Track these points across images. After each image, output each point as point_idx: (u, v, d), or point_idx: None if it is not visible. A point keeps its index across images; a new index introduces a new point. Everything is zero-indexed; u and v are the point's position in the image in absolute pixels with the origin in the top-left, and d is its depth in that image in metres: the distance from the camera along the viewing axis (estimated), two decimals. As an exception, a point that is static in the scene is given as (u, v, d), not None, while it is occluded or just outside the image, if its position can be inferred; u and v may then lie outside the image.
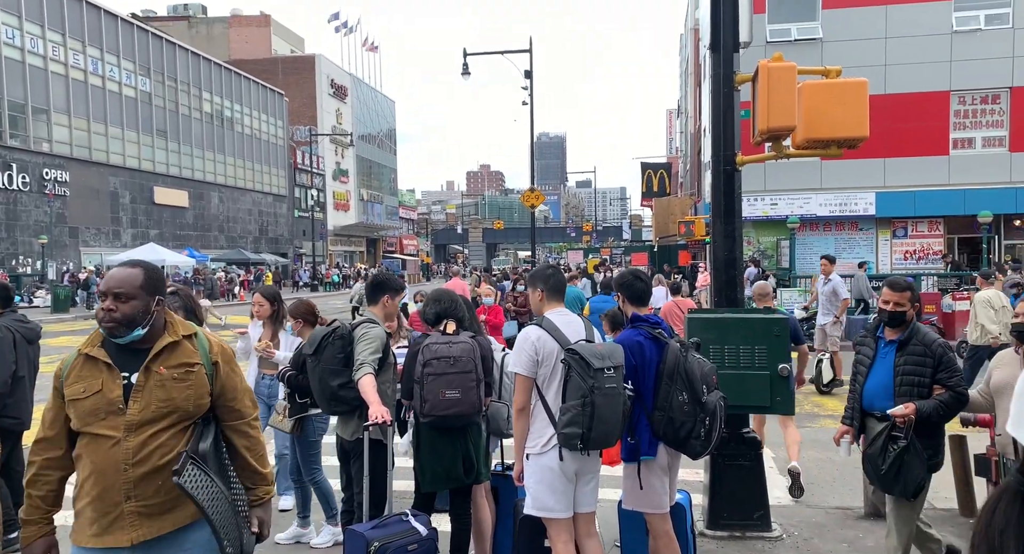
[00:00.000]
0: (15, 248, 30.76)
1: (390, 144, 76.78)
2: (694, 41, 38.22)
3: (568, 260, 33.43)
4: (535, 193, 23.63)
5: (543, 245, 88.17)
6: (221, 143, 46.32)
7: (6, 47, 30.63)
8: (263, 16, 64.08)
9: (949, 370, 3.86)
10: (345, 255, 63.28)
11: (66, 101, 33.80)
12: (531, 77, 23.24)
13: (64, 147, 33.70)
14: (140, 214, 38.59)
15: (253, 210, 50.00)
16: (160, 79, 40.53)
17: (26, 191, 31.27)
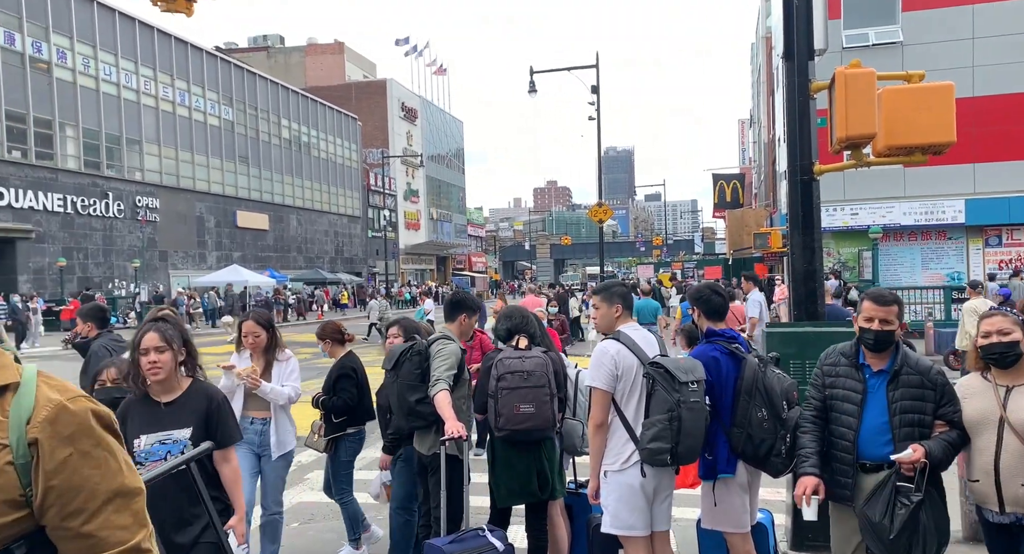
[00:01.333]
0: (111, 272, 32.69)
1: (458, 163, 78.05)
2: (766, 50, 37.45)
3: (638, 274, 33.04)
4: (603, 208, 23.52)
5: (612, 260, 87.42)
6: (299, 167, 48.14)
7: (104, 83, 32.83)
8: (337, 44, 66.52)
9: (953, 403, 3.16)
10: (416, 273, 64.47)
11: (156, 131, 35.88)
12: (598, 92, 23.24)
13: (155, 175, 35.74)
14: (224, 237, 40.43)
15: (329, 231, 51.63)
16: (242, 108, 42.55)
17: (121, 218, 33.27)
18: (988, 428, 3.05)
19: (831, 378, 3.34)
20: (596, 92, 23.24)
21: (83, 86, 31.71)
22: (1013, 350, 3.03)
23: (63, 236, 30.28)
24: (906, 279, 20.74)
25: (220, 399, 3.19)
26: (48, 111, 29.94)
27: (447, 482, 3.98)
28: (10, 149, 28.26)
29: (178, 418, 3.08)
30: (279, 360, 4.54)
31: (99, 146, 32.65)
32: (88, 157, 32.08)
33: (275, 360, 4.55)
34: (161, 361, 3.00)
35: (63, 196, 30.24)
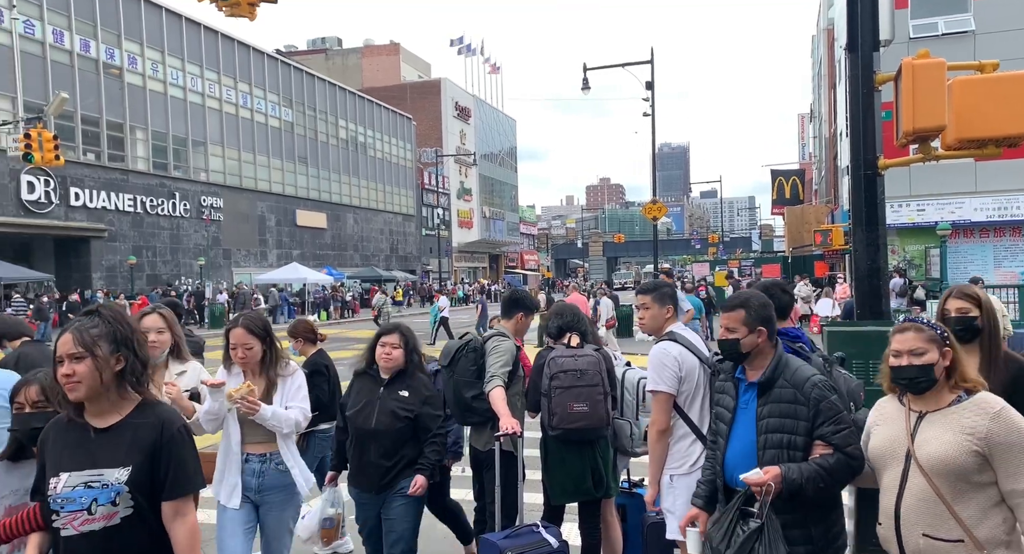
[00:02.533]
0: (178, 269, 33.95)
1: (511, 162, 78.25)
2: (827, 42, 36.37)
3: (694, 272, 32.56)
4: (657, 205, 23.24)
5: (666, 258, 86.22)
6: (355, 167, 49.06)
7: (171, 87, 34.10)
8: (393, 45, 67.47)
9: (834, 421, 2.69)
10: (469, 271, 64.93)
11: (220, 133, 37.07)
12: (652, 88, 22.97)
13: (219, 176, 36.94)
14: (284, 235, 41.51)
15: (384, 230, 52.47)
16: (301, 109, 43.59)
17: (187, 217, 34.51)
18: (894, 462, 2.51)
19: (717, 394, 3.07)
20: (650, 88, 22.97)
21: (152, 90, 33.01)
22: (927, 375, 2.47)
23: (133, 235, 31.59)
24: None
25: (176, 429, 2.30)
26: (119, 115, 31.27)
27: (502, 478, 4.01)
28: (85, 151, 29.62)
29: (113, 452, 2.23)
30: (282, 375, 3.62)
31: (167, 148, 33.95)
32: (156, 159, 33.38)
33: (278, 376, 3.61)
34: (78, 373, 2.19)
35: (133, 196, 31.54)
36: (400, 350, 3.91)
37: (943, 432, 2.41)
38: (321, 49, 67.81)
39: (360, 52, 66.73)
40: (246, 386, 3.40)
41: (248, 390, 3.39)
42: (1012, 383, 2.95)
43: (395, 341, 3.94)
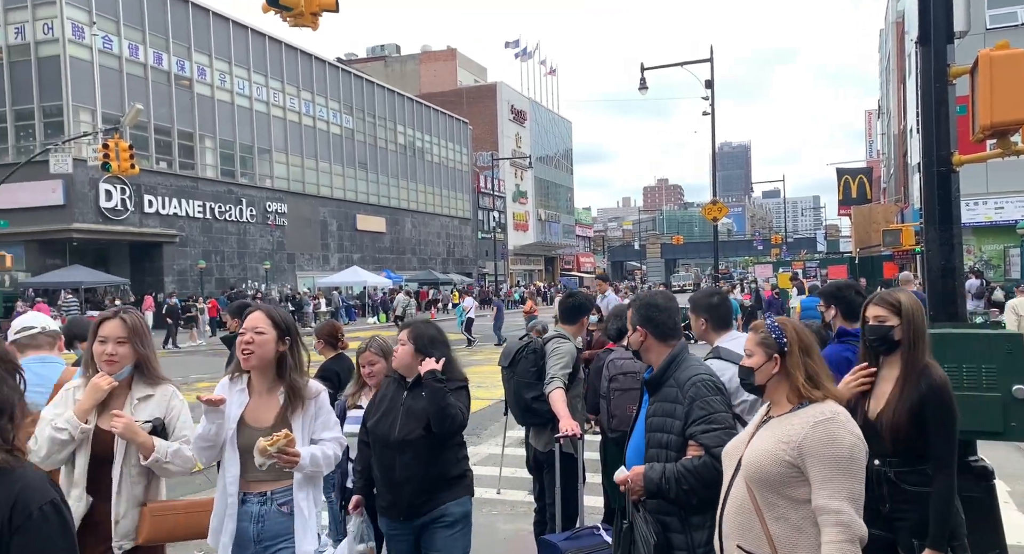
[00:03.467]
0: (244, 273, 35.11)
1: (566, 164, 78.09)
2: (897, 35, 35.08)
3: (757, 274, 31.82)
4: (717, 205, 22.84)
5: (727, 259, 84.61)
6: (413, 172, 49.82)
7: (238, 96, 35.33)
8: (449, 50, 68.26)
9: (704, 420, 2.62)
10: (524, 274, 65.05)
11: (284, 141, 38.19)
12: (712, 87, 22.60)
13: (283, 182, 38.05)
14: (345, 240, 42.45)
15: (441, 233, 53.09)
16: (361, 116, 44.54)
17: (253, 222, 35.67)
18: (730, 467, 2.38)
19: None
20: (710, 87, 22.61)
21: (220, 100, 34.26)
22: (747, 377, 2.38)
23: (203, 240, 32.83)
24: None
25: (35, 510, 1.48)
26: (190, 124, 32.56)
27: (562, 480, 4.02)
28: (158, 160, 30.95)
29: None
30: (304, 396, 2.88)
31: (234, 155, 35.17)
32: (224, 166, 34.63)
33: (300, 394, 2.86)
34: None
35: (203, 203, 32.79)
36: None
37: (766, 440, 2.25)
38: (380, 56, 69.13)
39: (418, 58, 67.74)
40: (283, 435, 2.62)
41: (287, 440, 2.62)
42: (920, 402, 2.69)
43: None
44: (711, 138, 23.28)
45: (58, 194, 26.70)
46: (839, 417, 2.20)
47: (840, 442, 2.13)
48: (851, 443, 2.14)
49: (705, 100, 22.92)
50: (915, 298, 2.89)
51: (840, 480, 2.10)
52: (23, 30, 27.70)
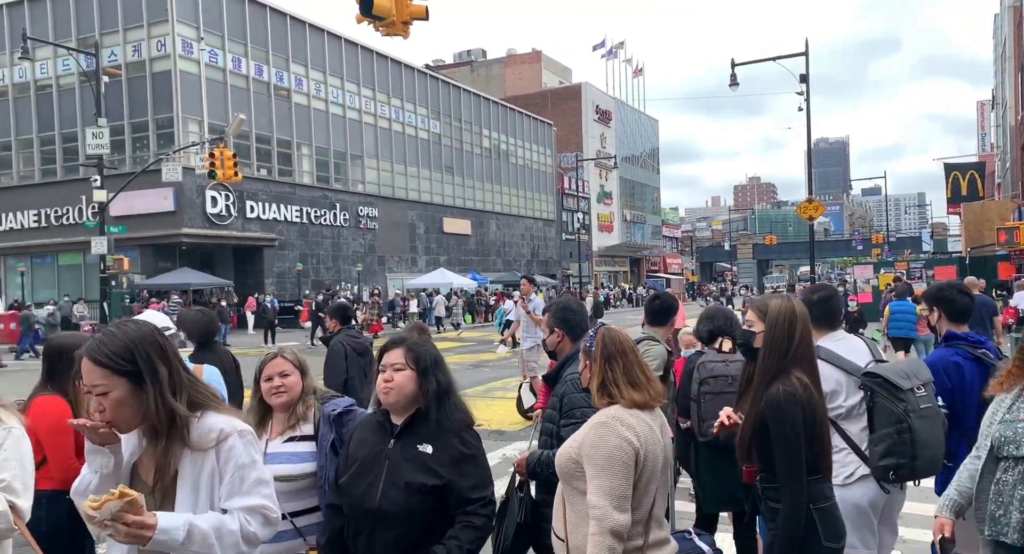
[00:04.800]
0: (338, 275, 36.44)
1: (653, 163, 76.90)
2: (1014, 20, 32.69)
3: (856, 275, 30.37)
4: (813, 204, 21.95)
5: (823, 260, 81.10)
6: (498, 174, 50.34)
7: (332, 105, 36.74)
8: (534, 53, 68.58)
9: (568, 415, 2.93)
10: (609, 275, 64.47)
11: (375, 146, 39.41)
12: (807, 81, 21.74)
13: (374, 187, 39.27)
14: (432, 242, 43.37)
15: (525, 235, 53.38)
16: (448, 120, 45.40)
17: (346, 226, 36.98)
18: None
19: None
20: (805, 81, 21.75)
21: (315, 109, 35.72)
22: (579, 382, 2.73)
23: (299, 244, 34.30)
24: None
25: None
26: (288, 132, 34.10)
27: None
28: (258, 167, 32.57)
29: None
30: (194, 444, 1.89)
31: (328, 162, 36.59)
32: (319, 172, 36.07)
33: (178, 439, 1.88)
34: None
35: (300, 208, 34.26)
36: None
37: (571, 437, 2.51)
38: (466, 61, 70.22)
39: (503, 62, 68.41)
40: (116, 494, 1.71)
41: (123, 502, 1.70)
42: (762, 416, 2.62)
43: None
44: (806, 134, 22.40)
45: (169, 201, 28.53)
46: (612, 421, 2.36)
47: (606, 444, 2.32)
48: (616, 445, 2.31)
49: (800, 95, 22.07)
50: (792, 306, 2.73)
51: (601, 478, 2.30)
52: (140, 48, 29.79)
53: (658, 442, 2.42)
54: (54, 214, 30.96)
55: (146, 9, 29.27)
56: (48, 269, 32.26)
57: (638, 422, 2.38)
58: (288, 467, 2.75)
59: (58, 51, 29.31)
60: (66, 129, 31.00)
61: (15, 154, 32.50)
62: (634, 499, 2.33)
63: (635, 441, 2.33)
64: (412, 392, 2.40)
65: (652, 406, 2.46)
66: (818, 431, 2.62)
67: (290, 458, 2.76)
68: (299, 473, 2.75)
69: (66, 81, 31.04)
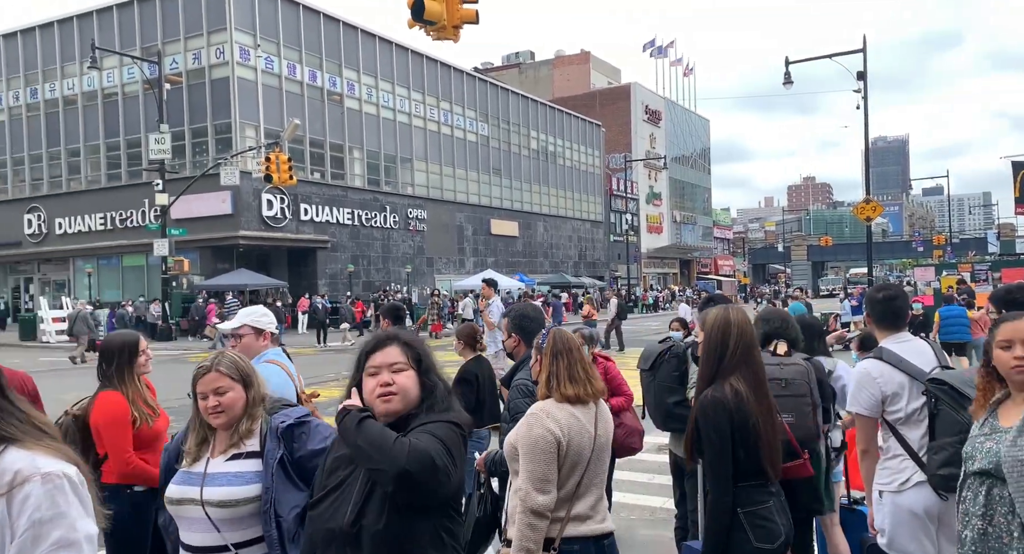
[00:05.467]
0: (388, 276, 36.97)
1: (704, 163, 75.79)
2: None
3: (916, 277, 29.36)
4: (871, 204, 21.32)
5: (881, 262, 78.65)
6: (545, 176, 50.33)
7: (383, 109, 37.31)
8: (583, 54, 68.36)
9: (514, 419, 3.22)
10: (658, 277, 63.77)
11: (424, 149, 39.87)
12: (864, 78, 21.15)
13: (423, 189, 39.72)
14: (480, 244, 43.62)
15: (573, 236, 53.22)
16: (496, 123, 45.62)
17: (396, 228, 37.50)
18: None
19: None
20: (863, 78, 21.17)
21: (367, 113, 36.33)
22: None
23: (351, 245, 34.92)
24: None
25: None
26: (340, 137, 34.78)
27: (704, 486, 3.94)
28: (312, 171, 33.30)
29: None
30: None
31: (379, 165, 37.17)
32: (370, 175, 36.67)
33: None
34: None
35: (351, 210, 34.89)
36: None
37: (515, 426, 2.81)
38: (515, 64, 70.43)
39: (551, 63, 68.37)
40: None
41: None
42: (695, 420, 2.83)
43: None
44: (864, 133, 21.77)
45: (227, 204, 29.40)
46: (540, 413, 2.65)
47: (531, 434, 2.60)
48: (539, 435, 2.58)
49: (857, 93, 21.48)
50: (727, 315, 2.87)
51: (526, 463, 2.59)
52: (199, 55, 30.80)
53: (585, 432, 2.64)
54: (119, 217, 32.23)
55: (206, 18, 30.25)
56: (113, 270, 33.62)
57: (564, 415, 2.63)
58: (230, 490, 2.32)
59: (123, 60, 30.53)
60: (130, 135, 32.25)
61: (83, 160, 33.97)
62: (560, 480, 2.60)
63: (557, 431, 2.58)
64: (416, 397, 2.11)
65: (586, 400, 2.68)
66: (753, 437, 2.69)
67: (232, 479, 2.34)
68: (243, 497, 2.31)
69: (131, 89, 32.30)
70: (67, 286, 34.19)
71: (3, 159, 35.88)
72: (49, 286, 34.99)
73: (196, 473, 2.38)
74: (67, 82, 33.86)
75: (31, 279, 36.20)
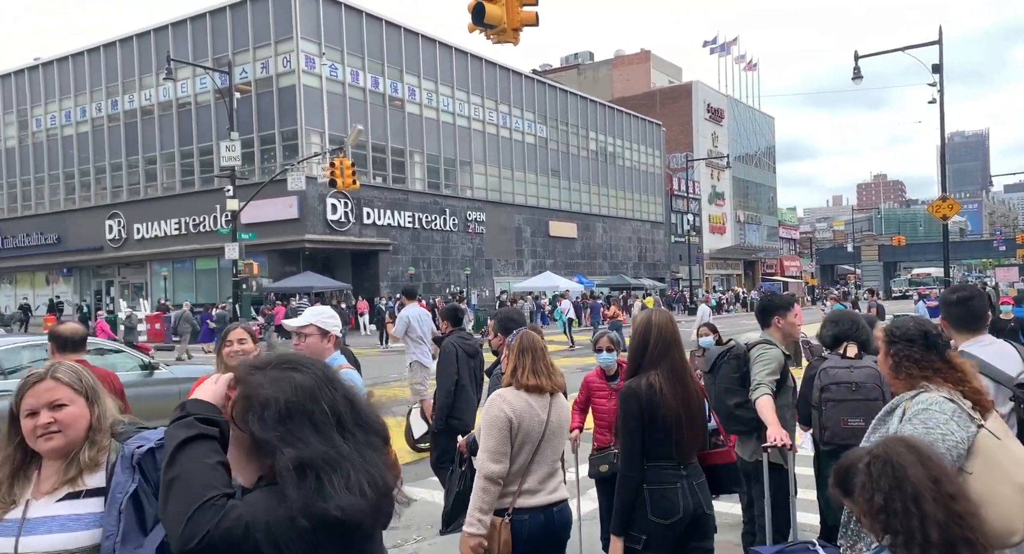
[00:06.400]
0: (448, 279, 37.37)
1: (768, 162, 73.90)
2: None
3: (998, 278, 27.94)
4: (948, 202, 20.39)
5: (958, 262, 75.10)
6: (604, 177, 49.98)
7: (442, 113, 37.77)
8: (643, 53, 67.65)
9: None
10: (721, 278, 62.48)
11: (483, 152, 40.16)
12: (940, 71, 20.25)
13: (481, 192, 40.01)
14: (538, 246, 43.64)
15: (632, 237, 52.66)
16: (554, 124, 45.58)
17: (455, 231, 37.88)
18: None
19: None
20: (938, 71, 20.27)
21: (427, 117, 36.85)
22: None
23: (412, 248, 35.45)
24: None
25: None
26: (401, 141, 35.37)
27: (772, 493, 3.85)
28: (374, 176, 33.96)
29: None
30: None
31: (439, 169, 37.64)
32: (430, 179, 37.16)
33: None
34: None
35: (412, 214, 35.43)
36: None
37: None
38: (573, 65, 70.20)
39: (610, 63, 67.87)
40: None
41: None
42: None
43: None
44: (940, 128, 20.81)
45: (293, 209, 30.27)
46: (498, 398, 3.10)
47: (489, 414, 3.06)
48: (495, 415, 3.03)
49: (932, 87, 20.59)
50: (648, 317, 3.25)
51: (483, 438, 3.05)
52: (267, 64, 31.83)
53: (536, 416, 3.07)
54: (192, 222, 33.59)
55: (273, 28, 31.25)
56: (187, 273, 35.05)
57: (519, 400, 3.07)
58: (61, 539, 1.78)
59: (196, 71, 31.82)
60: (203, 143, 33.57)
61: (159, 167, 35.55)
62: (512, 455, 3.02)
63: (510, 412, 3.03)
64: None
65: (544, 391, 3.12)
66: (661, 423, 3.05)
67: (66, 525, 1.80)
68: (78, 547, 1.79)
69: (203, 99, 33.63)
70: (144, 289, 35.83)
71: (86, 168, 37.88)
72: (128, 289, 36.75)
73: (11, 521, 1.79)
74: (144, 93, 35.50)
75: (112, 282, 38.08)
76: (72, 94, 37.75)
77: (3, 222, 40.79)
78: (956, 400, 2.35)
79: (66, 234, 38.01)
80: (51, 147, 38.83)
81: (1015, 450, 2.33)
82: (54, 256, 38.46)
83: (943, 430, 2.25)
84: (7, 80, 40.29)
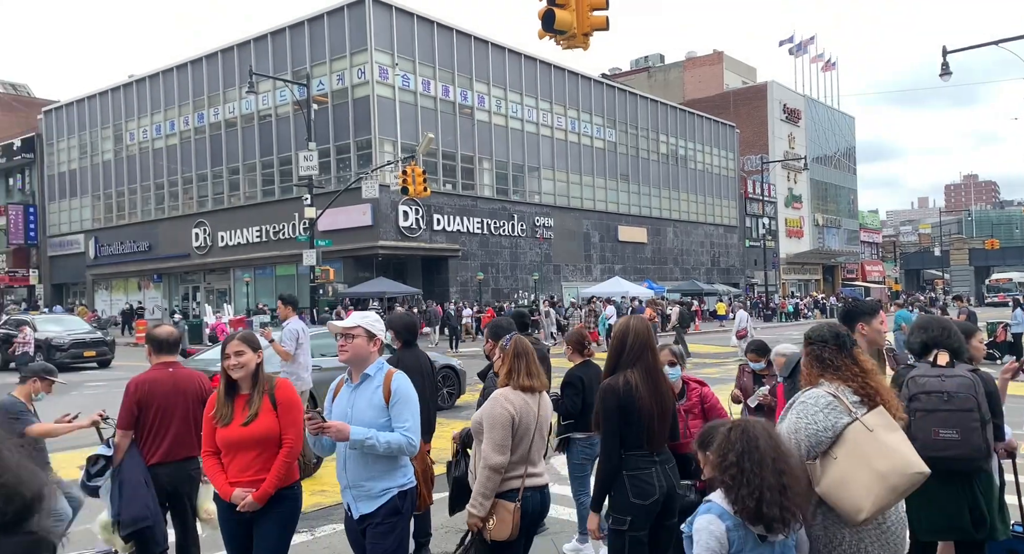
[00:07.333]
0: (516, 284, 37.53)
1: (848, 163, 71.14)
2: None
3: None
4: (1048, 203, 19.09)
5: (1058, 267, 70.15)
6: (675, 181, 49.18)
7: (511, 119, 38.03)
8: (715, 54, 66.35)
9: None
10: (799, 284, 60.45)
11: (551, 158, 40.18)
12: (1038, 63, 19.03)
13: (549, 197, 40.03)
14: (607, 251, 43.29)
15: (705, 242, 51.58)
16: (623, 128, 45.18)
17: (523, 236, 38.02)
18: None
19: None
20: (1035, 63, 19.06)
21: (496, 124, 37.17)
22: None
23: (480, 254, 35.79)
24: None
25: None
26: (470, 148, 35.80)
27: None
28: (444, 183, 34.49)
29: None
30: None
31: (507, 175, 37.89)
32: (499, 185, 37.45)
33: None
34: None
35: (480, 220, 35.77)
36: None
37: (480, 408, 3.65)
38: (643, 68, 69.50)
39: (682, 65, 66.85)
40: None
41: None
42: None
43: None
44: (1038, 123, 19.56)
45: (367, 216, 31.05)
46: (500, 397, 3.46)
47: (493, 411, 3.42)
48: (499, 412, 3.40)
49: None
50: (627, 321, 3.62)
51: (488, 432, 3.39)
52: (343, 76, 32.82)
53: (531, 412, 3.47)
54: (272, 230, 34.90)
55: (349, 40, 32.20)
56: (268, 279, 36.42)
57: (517, 398, 3.46)
58: None
59: (276, 83, 33.10)
60: (282, 153, 34.87)
61: (242, 177, 37.12)
62: (514, 446, 3.41)
63: (512, 410, 3.41)
64: None
65: (535, 390, 3.53)
66: (637, 417, 3.40)
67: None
68: None
69: (282, 111, 34.94)
70: (228, 294, 37.43)
71: (175, 179, 39.93)
72: (212, 294, 38.48)
73: None
74: (228, 106, 37.16)
75: (198, 288, 39.97)
76: (162, 108, 39.90)
77: (100, 231, 43.44)
78: (839, 395, 2.70)
79: (156, 242, 40.15)
80: (143, 159, 41.11)
81: (888, 442, 2.62)
82: (145, 263, 40.68)
83: (809, 419, 2.69)
84: (104, 97, 42.94)
